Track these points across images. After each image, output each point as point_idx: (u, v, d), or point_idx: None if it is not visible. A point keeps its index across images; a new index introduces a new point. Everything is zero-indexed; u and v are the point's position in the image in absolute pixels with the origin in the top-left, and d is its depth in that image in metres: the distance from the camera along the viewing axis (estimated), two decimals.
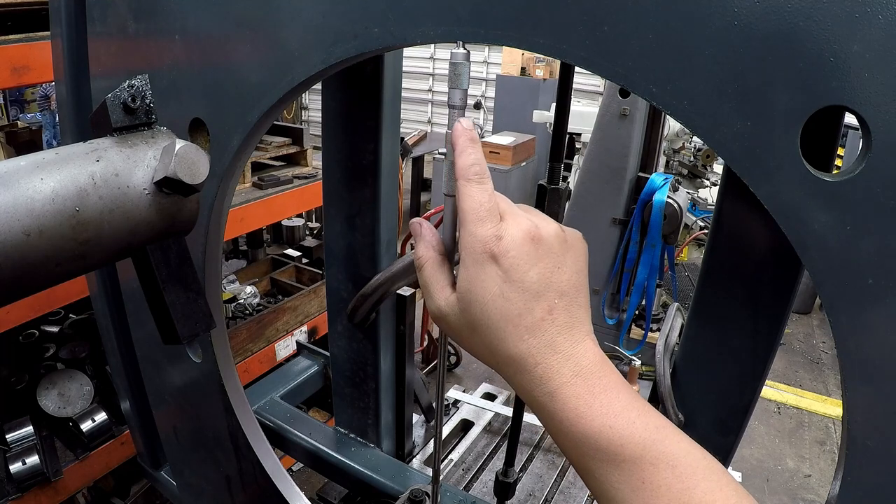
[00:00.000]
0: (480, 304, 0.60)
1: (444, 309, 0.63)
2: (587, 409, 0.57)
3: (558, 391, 0.58)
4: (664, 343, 1.04)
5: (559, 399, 0.58)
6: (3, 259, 0.60)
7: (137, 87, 0.88)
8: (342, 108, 1.43)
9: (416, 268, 0.66)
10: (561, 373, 0.58)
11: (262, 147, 3.37)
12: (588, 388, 0.58)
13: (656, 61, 0.59)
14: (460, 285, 0.61)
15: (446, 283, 0.64)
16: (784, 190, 0.56)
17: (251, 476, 1.31)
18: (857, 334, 0.57)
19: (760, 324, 0.93)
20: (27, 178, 0.64)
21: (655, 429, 0.58)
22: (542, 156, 6.86)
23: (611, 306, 4.08)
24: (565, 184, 1.94)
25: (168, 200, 0.75)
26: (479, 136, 0.68)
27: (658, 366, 1.02)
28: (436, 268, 0.65)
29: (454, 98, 0.69)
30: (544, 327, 0.59)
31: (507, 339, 0.59)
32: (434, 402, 2.23)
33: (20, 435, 2.38)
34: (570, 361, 0.59)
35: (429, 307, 0.65)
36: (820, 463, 4.30)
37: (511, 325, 0.59)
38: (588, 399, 0.57)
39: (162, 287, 0.77)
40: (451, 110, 0.70)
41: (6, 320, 2.17)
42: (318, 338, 3.44)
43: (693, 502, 0.55)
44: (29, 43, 2.05)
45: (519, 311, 0.58)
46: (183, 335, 0.79)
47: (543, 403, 0.59)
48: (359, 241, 1.55)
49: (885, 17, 0.49)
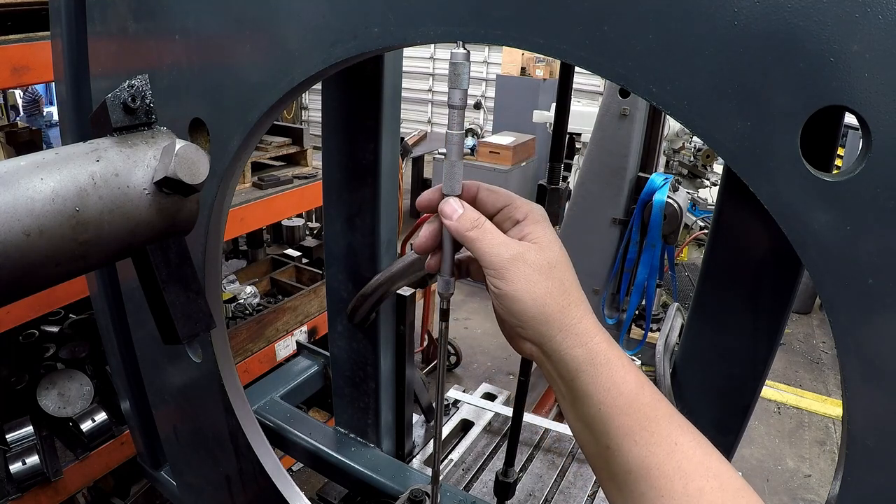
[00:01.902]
0: (559, 246, 0.68)
1: (521, 249, 0.66)
2: (631, 366, 0.63)
3: (612, 344, 0.65)
4: (664, 343, 1.04)
5: (615, 349, 0.64)
6: (4, 259, 0.60)
7: (137, 87, 0.88)
8: (342, 108, 1.43)
9: (472, 226, 0.68)
10: (601, 331, 0.65)
11: (262, 147, 3.37)
12: (620, 352, 0.65)
13: (656, 61, 0.59)
14: (534, 233, 0.68)
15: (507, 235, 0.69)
16: (784, 190, 0.56)
17: (251, 476, 1.31)
18: (856, 334, 0.57)
19: (760, 324, 0.93)
20: (27, 178, 0.64)
21: (658, 392, 0.64)
22: (542, 156, 6.86)
23: (611, 306, 4.08)
24: (565, 184, 1.94)
25: (168, 200, 0.75)
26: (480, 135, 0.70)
27: (658, 366, 1.02)
28: (493, 225, 0.69)
29: (454, 98, 0.69)
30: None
31: (577, 281, 0.67)
32: (434, 402, 2.24)
33: (20, 435, 2.38)
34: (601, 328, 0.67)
35: (499, 254, 0.66)
36: (820, 463, 4.30)
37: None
38: (627, 361, 0.64)
39: (162, 287, 0.77)
40: (450, 110, 0.70)
41: (6, 320, 2.17)
42: (318, 338, 3.44)
43: (713, 468, 0.59)
44: (29, 43, 2.05)
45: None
46: (183, 335, 0.79)
47: (598, 352, 0.63)
48: (359, 241, 1.55)
49: (885, 17, 0.49)
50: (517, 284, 0.64)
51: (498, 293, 0.66)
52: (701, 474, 0.58)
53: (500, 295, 0.65)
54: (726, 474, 0.59)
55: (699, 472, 0.58)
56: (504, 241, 0.67)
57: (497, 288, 0.66)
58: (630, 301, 3.92)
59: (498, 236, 0.67)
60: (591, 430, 0.63)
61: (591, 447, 0.65)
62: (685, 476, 0.58)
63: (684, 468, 0.58)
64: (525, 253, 0.66)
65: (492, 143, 6.58)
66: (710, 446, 0.61)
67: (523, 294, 0.64)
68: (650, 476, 0.59)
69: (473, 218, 0.68)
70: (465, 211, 0.69)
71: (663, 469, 0.58)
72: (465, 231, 0.68)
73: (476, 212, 0.69)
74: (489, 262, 0.66)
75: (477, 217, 0.69)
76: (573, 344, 0.63)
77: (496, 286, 0.66)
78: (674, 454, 0.59)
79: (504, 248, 0.66)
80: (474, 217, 0.68)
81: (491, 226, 0.68)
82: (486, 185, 0.73)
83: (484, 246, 0.66)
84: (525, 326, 0.65)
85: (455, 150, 0.70)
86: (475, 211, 0.70)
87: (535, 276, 0.65)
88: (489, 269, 0.66)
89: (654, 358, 1.03)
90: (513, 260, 0.65)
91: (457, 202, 0.70)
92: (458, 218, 0.69)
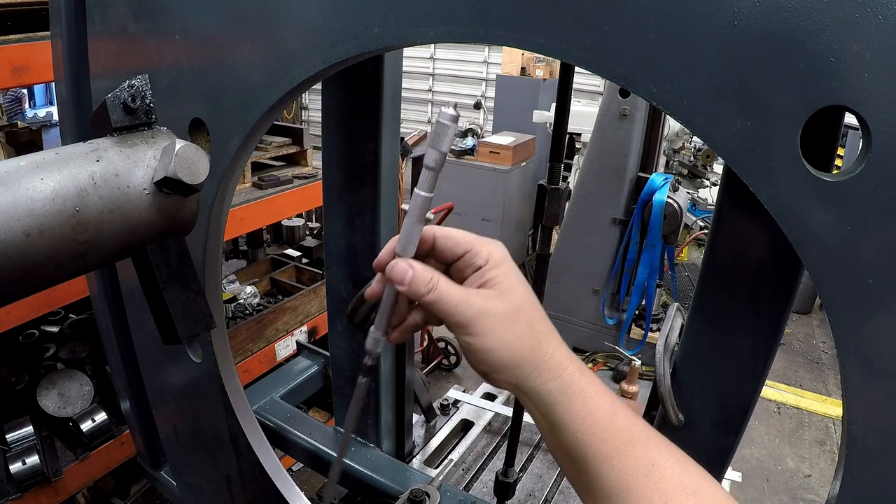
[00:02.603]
0: (522, 286, 0.67)
1: (482, 301, 0.64)
2: (605, 392, 0.64)
3: (585, 372, 0.65)
4: (664, 343, 1.04)
5: (588, 377, 0.65)
6: (4, 259, 0.60)
7: (137, 87, 0.88)
8: (342, 108, 1.43)
9: (426, 290, 0.65)
10: (574, 360, 0.65)
11: (262, 147, 3.37)
12: (593, 379, 0.65)
13: (656, 61, 0.59)
14: (496, 279, 0.66)
15: (465, 287, 0.67)
16: (784, 190, 0.56)
17: (251, 476, 1.31)
18: (857, 334, 0.57)
19: (760, 324, 0.93)
20: (27, 178, 0.64)
21: (634, 414, 0.65)
22: (542, 156, 6.86)
23: (611, 306, 4.08)
24: (565, 184, 1.94)
25: (168, 200, 0.75)
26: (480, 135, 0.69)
27: (658, 366, 1.02)
28: (450, 281, 0.66)
29: (430, 158, 0.64)
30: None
31: (545, 316, 0.66)
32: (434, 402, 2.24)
33: (20, 435, 2.38)
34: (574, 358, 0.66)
35: (461, 312, 0.64)
36: (820, 463, 4.30)
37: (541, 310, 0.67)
38: (600, 387, 0.65)
39: (162, 287, 0.77)
40: (425, 170, 0.65)
41: (6, 320, 2.17)
42: (318, 338, 3.43)
43: (692, 485, 0.60)
44: (29, 43, 2.05)
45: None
46: (183, 335, 0.79)
47: (571, 383, 0.64)
48: (359, 241, 1.55)
49: (885, 17, 0.49)
50: (485, 337, 0.64)
51: (467, 347, 0.65)
52: (679, 493, 0.59)
53: (470, 349, 0.65)
54: (706, 489, 0.60)
55: (678, 491, 0.59)
56: (463, 297, 0.64)
57: (466, 343, 0.65)
58: (630, 301, 3.92)
59: (456, 294, 0.65)
60: (571, 457, 0.64)
61: (572, 473, 0.66)
62: (664, 496, 0.59)
63: (663, 488, 0.59)
64: (487, 305, 0.64)
65: (492, 143, 6.58)
66: (689, 463, 0.62)
67: (493, 345, 0.64)
68: (630, 498, 0.60)
69: (426, 280, 0.65)
70: (416, 272, 0.65)
71: (642, 491, 0.60)
72: (421, 295, 0.65)
73: (428, 270, 0.66)
74: (453, 321, 0.64)
75: (430, 278, 0.65)
76: (547, 379, 0.64)
77: (465, 341, 0.65)
78: (651, 475, 0.60)
79: (465, 306, 0.64)
80: (426, 278, 0.65)
81: (446, 284, 0.65)
82: (441, 230, 0.70)
83: (444, 307, 0.64)
84: (499, 372, 0.65)
85: (417, 212, 0.66)
86: (427, 269, 0.66)
87: (501, 326, 0.64)
88: (454, 327, 0.65)
89: (654, 358, 1.03)
90: (476, 316, 0.64)
91: (405, 262, 0.66)
92: (410, 281, 0.65)
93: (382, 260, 0.69)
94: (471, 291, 0.65)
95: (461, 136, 7.09)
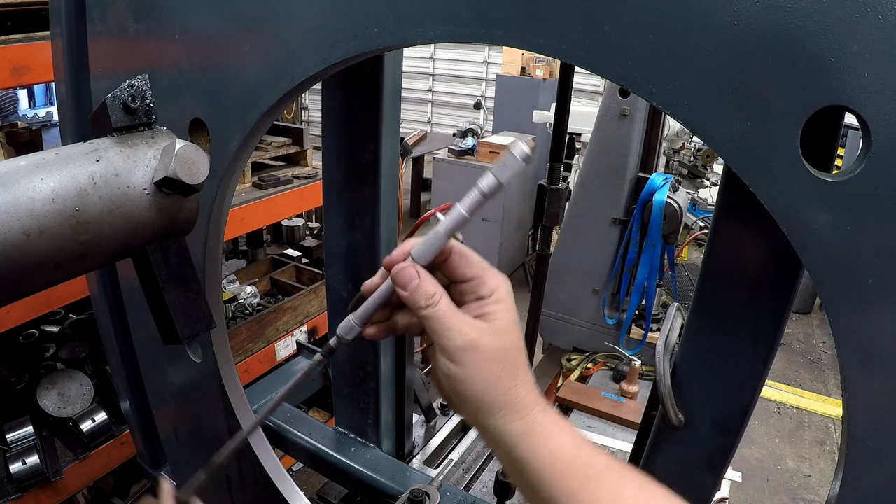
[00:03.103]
0: (516, 329, 0.67)
1: (476, 335, 0.64)
2: (568, 429, 0.66)
3: (549, 411, 0.67)
4: (664, 343, 1.04)
5: (552, 416, 0.66)
6: (4, 259, 0.60)
7: (137, 87, 0.88)
8: (342, 108, 1.43)
9: (426, 304, 0.65)
10: (540, 402, 0.67)
11: (262, 147, 3.37)
12: (556, 418, 0.68)
13: (656, 61, 0.59)
14: (494, 314, 0.66)
15: (465, 313, 0.66)
16: (784, 190, 0.56)
17: (251, 476, 1.31)
18: (857, 334, 0.57)
19: (760, 324, 0.93)
20: (27, 178, 0.64)
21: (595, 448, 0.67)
22: (542, 156, 6.86)
23: (611, 306, 4.08)
24: (565, 184, 1.94)
25: (168, 200, 0.75)
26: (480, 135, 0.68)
27: (658, 366, 1.02)
28: (451, 302, 0.66)
29: (485, 183, 0.63)
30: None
31: (526, 360, 0.67)
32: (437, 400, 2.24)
33: (20, 435, 2.38)
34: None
35: (453, 339, 0.64)
36: (820, 463, 4.30)
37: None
38: (563, 424, 0.67)
39: (162, 287, 0.77)
40: (476, 192, 0.64)
41: (6, 320, 2.17)
42: (318, 338, 3.44)
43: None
44: (29, 43, 2.05)
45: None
46: (183, 335, 0.79)
47: (535, 423, 0.65)
48: (359, 241, 1.55)
49: (885, 17, 0.49)
50: (468, 369, 0.64)
51: (447, 373, 0.65)
52: None
53: (450, 376, 0.65)
54: None
55: None
56: (458, 325, 0.64)
57: (447, 369, 0.65)
58: (630, 301, 3.92)
59: (453, 318, 0.65)
60: (538, 494, 0.65)
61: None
62: None
63: None
64: (480, 339, 0.64)
65: (492, 143, 6.58)
66: (652, 488, 0.64)
67: (472, 378, 0.64)
68: None
69: (429, 294, 0.65)
70: (422, 282, 0.65)
71: None
72: (420, 307, 0.65)
73: (434, 284, 0.66)
74: (442, 344, 0.64)
75: (433, 293, 0.65)
76: (512, 419, 0.65)
77: (447, 367, 0.65)
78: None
79: (458, 335, 0.64)
80: (430, 292, 0.65)
81: (447, 304, 0.65)
82: (461, 248, 0.69)
83: (437, 327, 0.64)
84: (467, 404, 0.66)
85: (450, 226, 0.65)
86: (433, 283, 0.66)
87: (486, 363, 0.64)
88: (441, 349, 0.65)
89: (654, 358, 1.03)
90: (465, 347, 0.64)
91: (414, 269, 0.65)
92: (414, 290, 0.65)
93: (394, 258, 0.68)
94: (467, 320, 0.65)
95: (461, 136, 7.09)
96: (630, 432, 2.78)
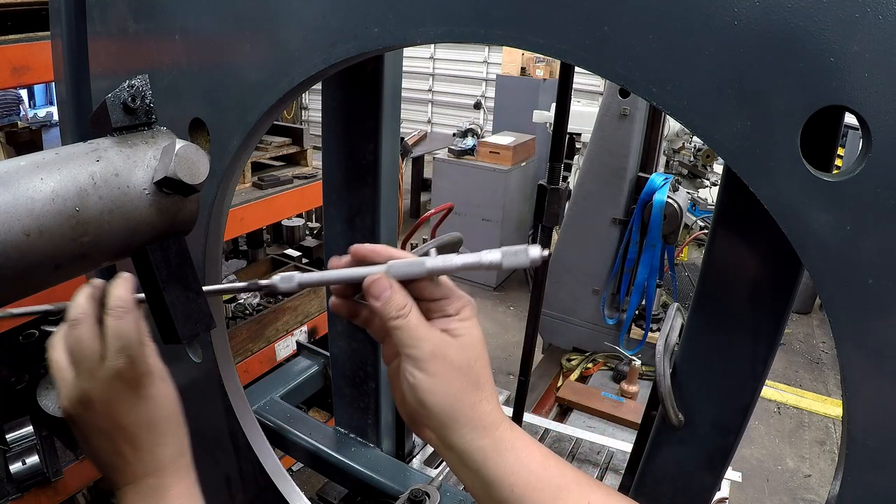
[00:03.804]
0: (481, 345, 0.68)
1: (443, 345, 0.66)
2: (534, 443, 0.68)
3: (514, 428, 0.68)
4: (664, 343, 1.04)
5: (517, 432, 0.68)
6: (4, 259, 0.60)
7: (137, 87, 0.88)
8: (342, 108, 1.43)
9: (396, 315, 0.66)
10: (505, 419, 0.69)
11: (262, 147, 3.37)
12: (522, 434, 0.69)
13: (656, 61, 0.59)
14: (459, 330, 0.67)
15: (431, 325, 0.68)
16: (784, 190, 0.56)
17: (251, 476, 1.31)
18: (857, 334, 0.57)
19: (760, 324, 0.93)
20: (27, 178, 0.64)
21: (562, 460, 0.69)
22: (542, 156, 6.85)
23: (611, 306, 4.08)
24: (565, 184, 1.94)
25: (168, 200, 0.75)
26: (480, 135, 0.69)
27: (658, 366, 1.02)
28: (420, 314, 0.67)
29: (488, 257, 0.66)
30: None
31: (491, 378, 0.69)
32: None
33: (20, 435, 2.38)
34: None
35: (421, 347, 0.65)
36: (820, 463, 4.30)
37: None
38: (529, 439, 0.69)
39: (162, 287, 0.77)
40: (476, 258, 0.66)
41: (6, 320, 2.16)
42: (318, 338, 3.43)
43: None
44: (29, 43, 2.05)
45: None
46: (183, 335, 0.79)
47: (503, 439, 0.66)
48: (359, 241, 1.53)
49: (885, 17, 0.49)
50: (434, 379, 0.65)
51: (413, 382, 0.65)
52: None
53: (415, 385, 0.65)
54: None
55: None
56: (426, 334, 0.66)
57: (413, 377, 0.65)
58: (630, 301, 3.92)
59: (421, 329, 0.66)
60: None
61: None
62: None
63: None
64: (446, 349, 0.65)
65: (492, 143, 6.58)
66: (617, 496, 0.67)
67: (438, 388, 0.65)
68: None
69: (400, 305, 0.66)
70: (394, 294, 0.66)
71: None
72: (390, 318, 0.66)
73: (405, 296, 0.67)
74: (409, 353, 0.65)
75: (404, 304, 0.66)
76: (479, 436, 0.66)
77: (412, 375, 0.65)
78: None
79: (427, 343, 0.65)
80: (401, 304, 0.66)
81: (416, 316, 0.67)
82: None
83: (406, 337, 0.65)
84: (432, 418, 0.66)
85: (436, 268, 0.67)
86: (405, 295, 0.67)
87: (452, 374, 0.65)
88: (408, 359, 0.66)
89: (654, 358, 1.03)
90: (433, 355, 0.65)
91: (387, 281, 0.67)
92: (386, 300, 0.66)
93: (368, 253, 0.70)
94: (435, 332, 0.66)
95: (461, 136, 7.09)
96: (630, 432, 2.78)
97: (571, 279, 3.99)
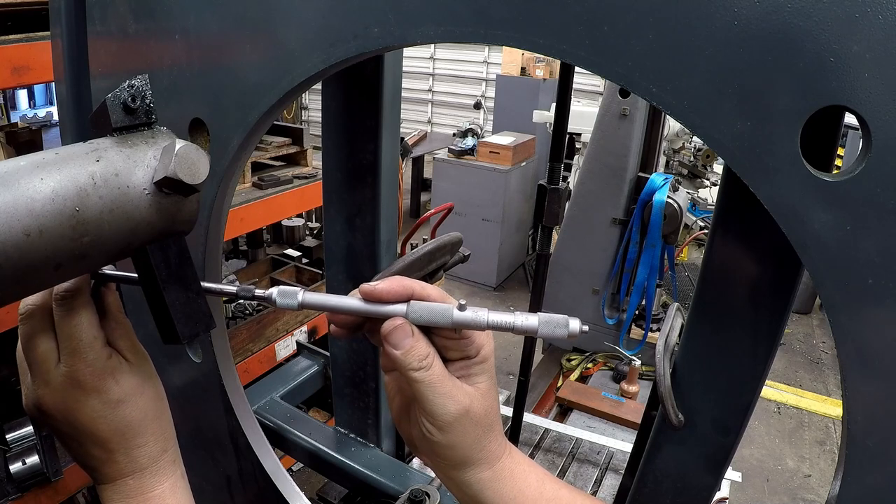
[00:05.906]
0: (495, 388, 0.68)
1: (468, 401, 0.64)
2: (532, 466, 0.71)
3: (514, 454, 0.71)
4: (664, 343, 1.04)
5: (516, 457, 0.69)
6: (4, 259, 0.60)
7: (137, 87, 0.88)
8: (342, 108, 1.43)
9: (418, 366, 0.62)
10: (506, 448, 0.71)
11: (262, 147, 3.37)
12: (521, 459, 0.72)
13: (656, 61, 0.59)
14: (479, 376, 0.66)
15: (451, 377, 0.65)
16: (784, 190, 0.56)
17: (251, 476, 1.31)
18: (857, 334, 0.57)
19: (760, 324, 0.93)
20: (27, 178, 0.64)
21: (558, 480, 0.72)
22: (542, 156, 6.86)
23: (611, 306, 4.08)
24: (565, 184, 1.94)
25: (168, 200, 0.75)
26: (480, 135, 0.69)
27: (658, 366, 1.02)
28: (442, 365, 0.64)
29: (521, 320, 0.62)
30: None
31: (499, 413, 0.70)
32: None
33: (20, 435, 2.38)
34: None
35: (445, 405, 0.62)
36: (820, 463, 4.30)
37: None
38: (526, 464, 0.71)
39: (162, 287, 0.77)
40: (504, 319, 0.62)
41: (6, 320, 2.17)
42: (318, 338, 3.44)
43: None
44: (29, 43, 2.05)
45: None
46: (183, 335, 0.79)
47: (502, 468, 0.68)
48: (359, 241, 1.55)
49: (885, 17, 0.49)
50: (456, 437, 0.63)
51: (433, 440, 0.64)
52: None
53: (435, 442, 0.64)
54: None
55: None
56: (450, 391, 0.62)
57: (432, 435, 0.63)
58: (630, 301, 3.92)
59: (445, 384, 0.62)
60: None
61: None
62: None
63: None
64: (471, 406, 0.63)
65: (492, 143, 6.58)
66: None
67: (457, 443, 0.64)
68: None
69: (422, 355, 0.61)
70: (416, 342, 0.61)
71: None
72: (412, 369, 0.61)
73: (427, 344, 0.62)
74: (432, 410, 0.62)
75: (426, 355, 0.62)
76: (481, 470, 0.66)
77: (432, 434, 0.63)
78: None
79: (451, 402, 0.62)
80: (423, 354, 0.61)
81: (440, 368, 0.63)
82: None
83: (429, 393, 0.62)
84: (444, 463, 0.66)
85: (465, 322, 0.62)
86: (426, 343, 0.62)
87: (472, 428, 0.64)
88: (427, 414, 0.63)
89: (654, 358, 1.03)
90: (458, 418, 0.62)
91: (409, 328, 0.62)
92: (406, 350, 0.61)
93: (384, 295, 0.63)
94: (458, 386, 0.64)
95: (461, 136, 7.09)
96: (630, 432, 2.78)
97: (571, 279, 3.99)
